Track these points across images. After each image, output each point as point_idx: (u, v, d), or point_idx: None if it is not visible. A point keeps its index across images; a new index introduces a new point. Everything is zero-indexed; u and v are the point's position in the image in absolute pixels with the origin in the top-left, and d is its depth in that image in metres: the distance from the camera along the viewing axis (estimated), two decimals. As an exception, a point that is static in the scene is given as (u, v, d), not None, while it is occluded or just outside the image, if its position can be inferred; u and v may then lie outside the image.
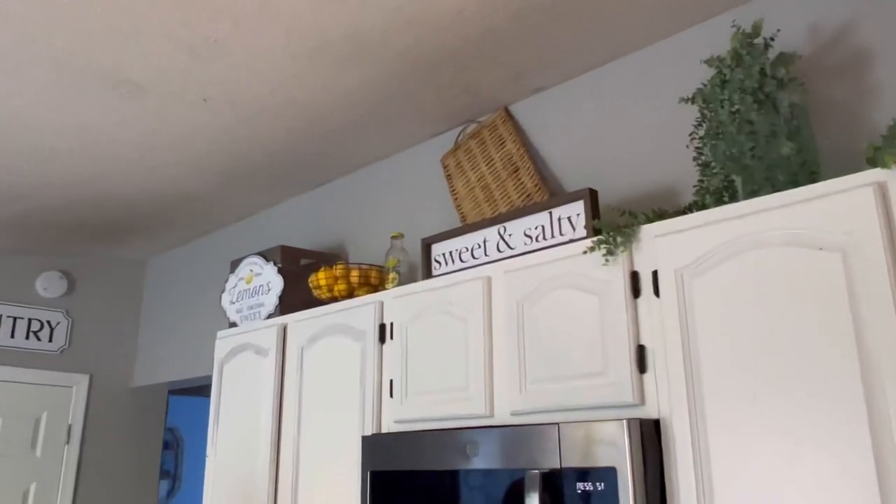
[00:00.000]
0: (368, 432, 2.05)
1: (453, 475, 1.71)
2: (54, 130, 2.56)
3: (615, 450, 1.44)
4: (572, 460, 1.50)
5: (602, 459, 1.46)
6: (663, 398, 1.50)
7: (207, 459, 2.66)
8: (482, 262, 2.00)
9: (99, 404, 3.90)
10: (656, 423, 1.49)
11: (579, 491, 1.47)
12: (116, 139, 2.63)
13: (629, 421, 1.44)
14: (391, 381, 2.05)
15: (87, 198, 3.17)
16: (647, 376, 1.54)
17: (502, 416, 1.77)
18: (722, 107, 1.61)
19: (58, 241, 3.72)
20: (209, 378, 3.38)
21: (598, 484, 1.45)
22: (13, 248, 3.75)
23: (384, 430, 2.03)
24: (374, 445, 1.93)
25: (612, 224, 1.64)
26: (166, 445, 7.03)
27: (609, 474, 1.44)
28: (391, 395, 2.04)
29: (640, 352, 1.55)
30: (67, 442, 3.77)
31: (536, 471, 1.52)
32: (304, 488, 2.22)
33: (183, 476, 7.24)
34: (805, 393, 1.31)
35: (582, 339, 1.65)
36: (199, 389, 4.42)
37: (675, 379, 1.48)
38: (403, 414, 1.98)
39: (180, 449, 7.36)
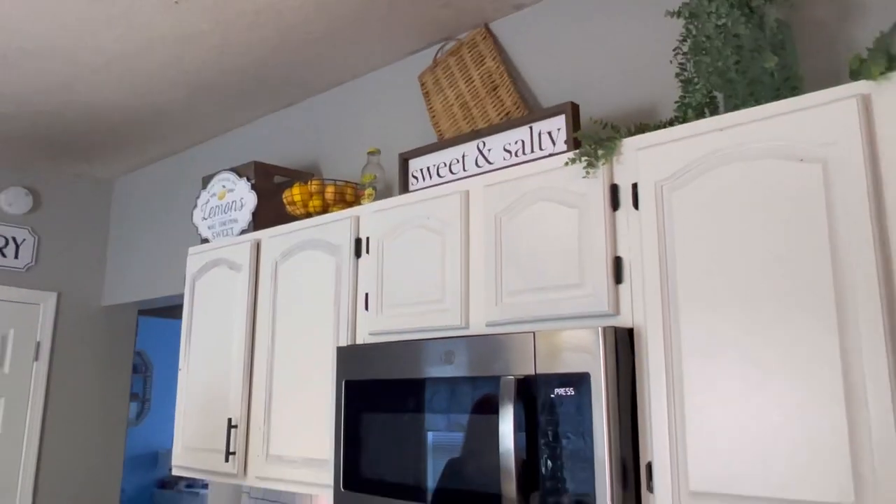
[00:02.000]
0: (343, 344, 2.04)
1: (428, 383, 1.72)
2: (20, 32, 2.42)
3: (589, 356, 1.45)
4: (547, 367, 1.51)
5: (576, 365, 1.47)
6: (638, 308, 1.51)
7: (180, 375, 2.64)
8: (460, 177, 1.98)
9: (67, 323, 3.84)
10: (630, 332, 1.50)
11: (553, 396, 1.49)
12: (82, 43, 2.51)
13: (604, 328, 1.45)
14: (366, 294, 2.03)
15: (50, 108, 3.04)
16: (623, 287, 1.54)
17: (478, 328, 1.77)
18: (708, 19, 1.58)
19: (22, 155, 3.59)
20: (179, 298, 3.35)
21: (571, 389, 1.47)
22: (-25, 161, 3.62)
23: (359, 343, 2.02)
24: (348, 356, 1.92)
25: (593, 136, 1.62)
26: (135, 369, 7.01)
27: (583, 380, 1.45)
28: (366, 308, 2.03)
29: (617, 263, 1.55)
30: (36, 359, 3.73)
31: (511, 377, 1.53)
32: (277, 401, 2.22)
33: (152, 399, 7.26)
34: (778, 305, 1.32)
35: (559, 252, 1.64)
36: (169, 310, 4.38)
37: (650, 290, 1.48)
38: (378, 326, 1.98)
39: (149, 373, 7.37)
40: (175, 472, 2.54)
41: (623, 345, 1.48)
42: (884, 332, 1.20)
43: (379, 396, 1.83)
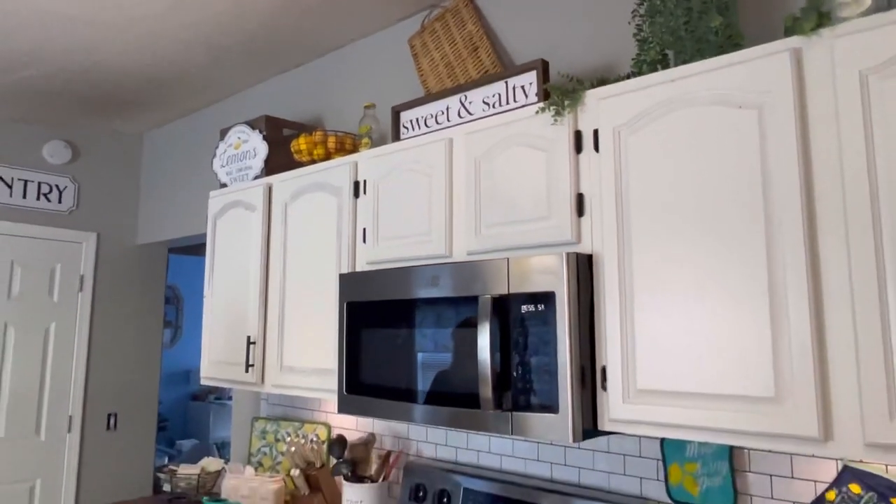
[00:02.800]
0: (345, 272, 2.03)
1: (417, 303, 1.72)
2: (49, -2, 2.32)
3: (555, 277, 1.45)
4: (518, 287, 1.51)
5: (543, 285, 1.47)
6: (597, 237, 1.50)
7: (205, 300, 2.62)
8: (445, 126, 1.94)
9: (106, 259, 3.80)
10: (590, 258, 1.50)
11: (524, 311, 1.50)
12: (104, 6, 2.40)
13: (567, 254, 1.45)
14: (364, 229, 2.01)
15: (82, 68, 2.94)
16: (585, 220, 1.53)
17: (460, 256, 1.76)
18: (663, -16, 1.53)
19: (60, 111, 3.48)
20: (203, 237, 3.32)
21: (539, 305, 1.47)
22: (20, 116, 3.50)
23: (358, 270, 2.01)
24: (349, 281, 1.92)
25: (561, 88, 1.58)
26: (168, 300, 7.01)
27: (549, 298, 1.46)
28: (364, 241, 2.01)
29: (580, 199, 1.54)
30: (80, 290, 3.70)
31: (488, 296, 1.53)
32: (289, 320, 2.22)
33: (183, 326, 7.27)
34: (716, 236, 1.32)
35: (530, 190, 1.62)
36: (195, 248, 4.34)
37: (607, 221, 1.48)
38: (375, 256, 1.97)
39: (180, 304, 7.36)
40: (203, 383, 2.55)
41: (583, 268, 1.48)
42: (805, 257, 1.21)
43: (375, 315, 1.83)
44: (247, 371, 2.31)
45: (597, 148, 1.52)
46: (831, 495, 1.40)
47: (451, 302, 1.64)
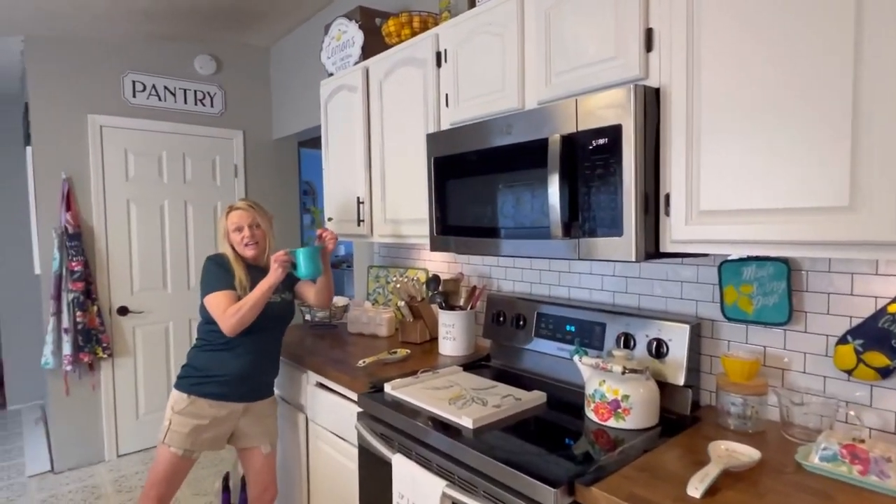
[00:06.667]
0: (431, 132, 1.87)
1: (493, 151, 1.54)
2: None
3: (622, 110, 1.22)
4: (586, 124, 1.29)
5: (611, 119, 1.24)
6: (665, 71, 1.23)
7: (324, 172, 2.57)
8: (516, -13, 1.65)
9: (252, 150, 3.84)
10: (657, 92, 1.24)
11: (591, 146, 1.29)
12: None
13: (635, 86, 1.20)
14: (446, 94, 1.82)
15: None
16: (653, 55, 1.26)
17: (531, 106, 1.54)
18: None
19: (203, 27, 3.40)
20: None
21: (606, 139, 1.25)
22: (173, 34, 3.46)
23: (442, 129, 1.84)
24: (435, 140, 1.75)
25: (631, -80, 1.26)
26: (305, 193, 7.18)
27: (616, 130, 1.23)
28: (447, 105, 1.82)
29: (649, 34, 1.26)
30: (235, 176, 3.78)
31: (557, 134, 1.33)
32: (389, 182, 2.12)
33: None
34: (795, 71, 1.02)
35: (598, 32, 1.35)
36: (317, 142, 4.31)
37: (676, 53, 1.20)
38: (456, 117, 1.78)
39: (315, 196, 7.56)
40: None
41: (650, 101, 1.23)
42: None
43: (458, 166, 1.68)
44: (359, 225, 2.27)
45: (668, -22, 1.21)
46: (893, 307, 1.17)
47: (523, 146, 1.45)
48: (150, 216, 3.45)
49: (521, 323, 1.89)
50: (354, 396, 1.80)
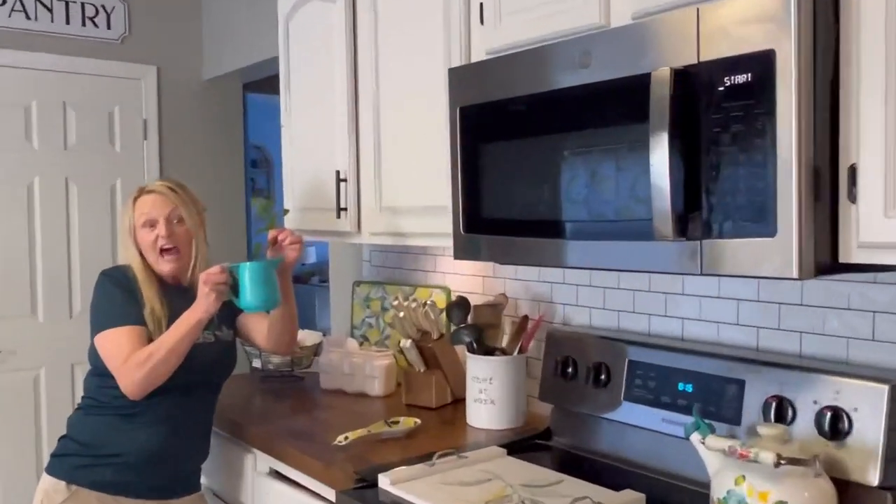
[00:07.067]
0: (456, 65, 1.86)
1: (559, 96, 1.52)
2: None
3: (775, 27, 1.18)
4: (715, 51, 1.25)
5: (756, 43, 1.20)
6: (847, -39, 1.19)
7: (283, 132, 2.61)
8: None
9: (171, 98, 3.90)
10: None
11: (722, 88, 1.24)
12: None
13: (798, -15, 1.16)
14: (481, 4, 1.81)
15: None
16: (827, -64, 1.22)
17: (621, 21, 1.51)
18: None
19: None
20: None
21: (748, 76, 1.21)
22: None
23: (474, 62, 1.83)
24: (463, 77, 1.75)
25: None
26: (255, 163, 7.26)
27: (765, 61, 1.19)
28: (482, 22, 1.81)
29: None
30: (145, 138, 3.84)
31: (667, 68, 1.29)
32: (387, 147, 2.14)
33: (276, 194, 7.58)
34: None
35: None
36: (274, 84, 4.35)
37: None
38: (497, 42, 1.77)
39: (270, 168, 7.64)
40: (289, 237, 2.57)
41: (824, 12, 1.19)
42: None
43: (500, 121, 1.66)
44: (339, 216, 2.29)
45: None
46: None
47: (607, 87, 1.42)
48: (10, 203, 3.50)
49: (603, 377, 1.87)
50: (331, 495, 1.79)
